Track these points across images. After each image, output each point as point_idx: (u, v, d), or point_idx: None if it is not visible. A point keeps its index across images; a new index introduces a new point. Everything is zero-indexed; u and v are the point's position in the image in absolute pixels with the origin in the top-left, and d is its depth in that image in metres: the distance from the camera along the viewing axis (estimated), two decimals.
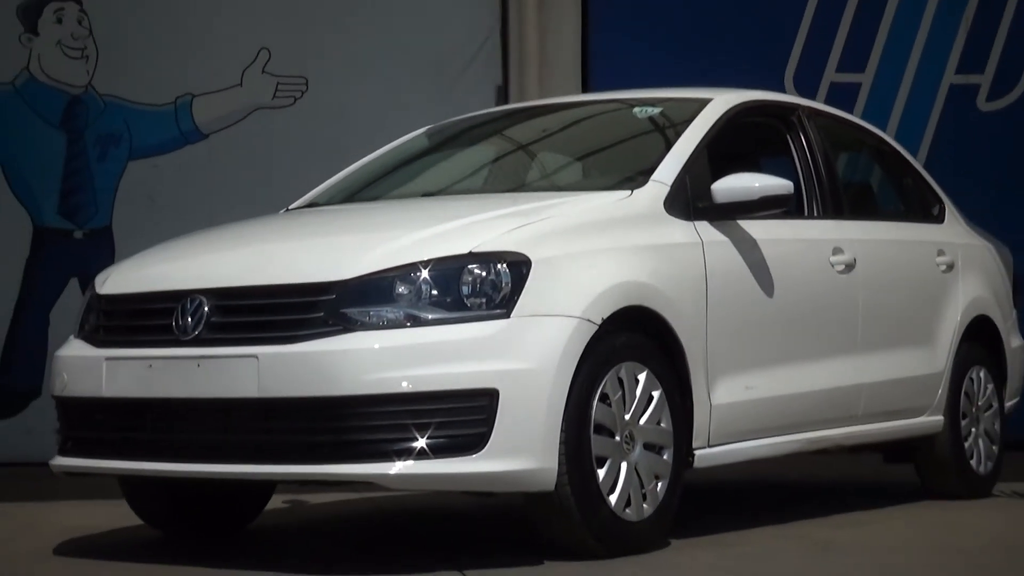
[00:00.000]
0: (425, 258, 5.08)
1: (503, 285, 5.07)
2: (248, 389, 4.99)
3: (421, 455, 4.89)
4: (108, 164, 9.28)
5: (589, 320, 5.15)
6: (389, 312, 5.00)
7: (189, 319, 5.18)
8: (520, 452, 4.96)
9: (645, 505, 5.34)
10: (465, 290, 5.05)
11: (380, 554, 5.69)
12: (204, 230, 6.07)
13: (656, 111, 6.52)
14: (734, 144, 6.27)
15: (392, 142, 7.01)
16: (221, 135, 9.36)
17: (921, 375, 6.89)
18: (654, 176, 5.82)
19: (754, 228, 5.99)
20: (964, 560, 5.42)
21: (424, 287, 5.03)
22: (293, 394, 4.94)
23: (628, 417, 5.31)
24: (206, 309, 5.17)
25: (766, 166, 6.46)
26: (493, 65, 9.45)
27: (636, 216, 5.65)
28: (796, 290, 6.17)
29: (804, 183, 6.54)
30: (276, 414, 5.00)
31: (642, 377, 5.36)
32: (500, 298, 5.06)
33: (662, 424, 5.43)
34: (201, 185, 9.22)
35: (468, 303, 5.04)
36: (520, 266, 5.11)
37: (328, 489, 7.13)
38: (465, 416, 4.93)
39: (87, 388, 5.40)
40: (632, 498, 5.29)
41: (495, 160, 6.88)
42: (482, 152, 6.94)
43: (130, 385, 5.26)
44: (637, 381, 5.35)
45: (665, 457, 5.44)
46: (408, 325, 4.98)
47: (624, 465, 5.28)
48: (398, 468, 4.88)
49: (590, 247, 5.35)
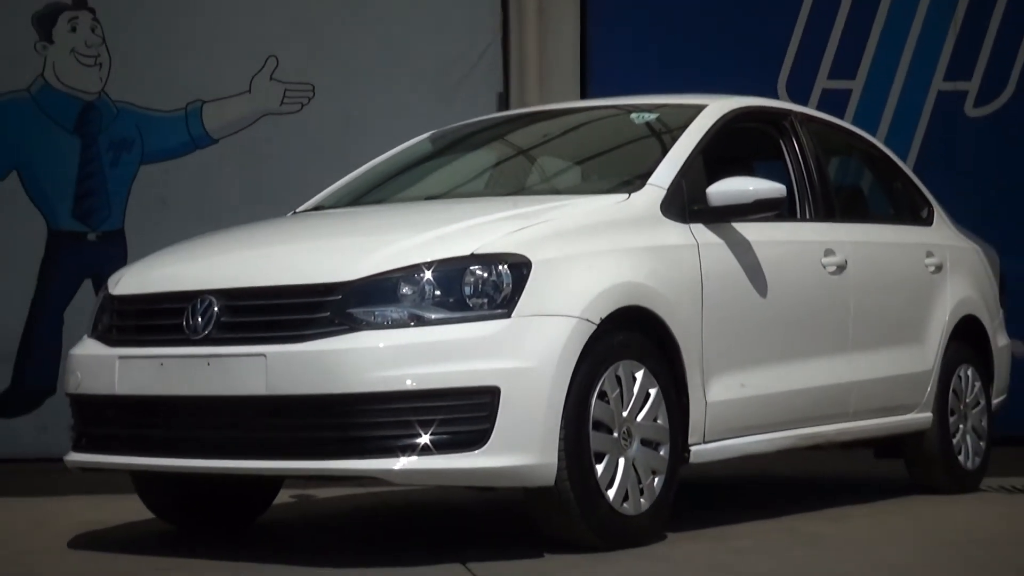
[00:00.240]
0: (428, 259, 5.08)
1: (504, 286, 5.07)
2: (256, 387, 4.99)
3: (425, 451, 4.89)
4: (121, 168, 9.28)
5: (588, 320, 5.15)
6: (393, 312, 5.00)
7: (199, 319, 5.18)
8: (521, 448, 4.96)
9: (642, 499, 5.34)
10: (467, 291, 5.05)
11: (385, 547, 5.69)
12: (214, 232, 6.07)
13: (653, 117, 6.52)
14: (728, 149, 6.27)
15: (396, 147, 7.01)
16: (230, 140, 9.36)
17: (910, 373, 6.89)
18: (651, 180, 5.82)
19: (748, 230, 5.99)
20: (953, 552, 5.42)
21: (427, 288, 5.04)
22: (300, 392, 4.94)
23: (626, 414, 5.31)
24: (216, 309, 5.17)
25: (760, 170, 6.45)
26: (494, 72, 9.45)
27: (633, 219, 5.64)
28: (789, 291, 6.17)
29: (796, 187, 6.54)
30: (284, 411, 5.00)
31: (639, 375, 5.36)
32: (501, 298, 5.06)
33: (659, 421, 5.43)
34: (211, 188, 9.22)
35: (470, 303, 5.04)
36: (521, 267, 5.11)
37: (334, 484, 7.13)
38: (467, 413, 4.93)
39: (100, 386, 5.40)
40: (630, 493, 5.29)
41: (496, 164, 6.88)
42: (484, 157, 6.95)
43: (142, 383, 5.27)
44: (634, 379, 5.35)
45: (662, 453, 5.44)
46: (412, 325, 4.98)
47: (622, 461, 5.28)
48: (402, 464, 4.89)
49: (589, 249, 5.35)
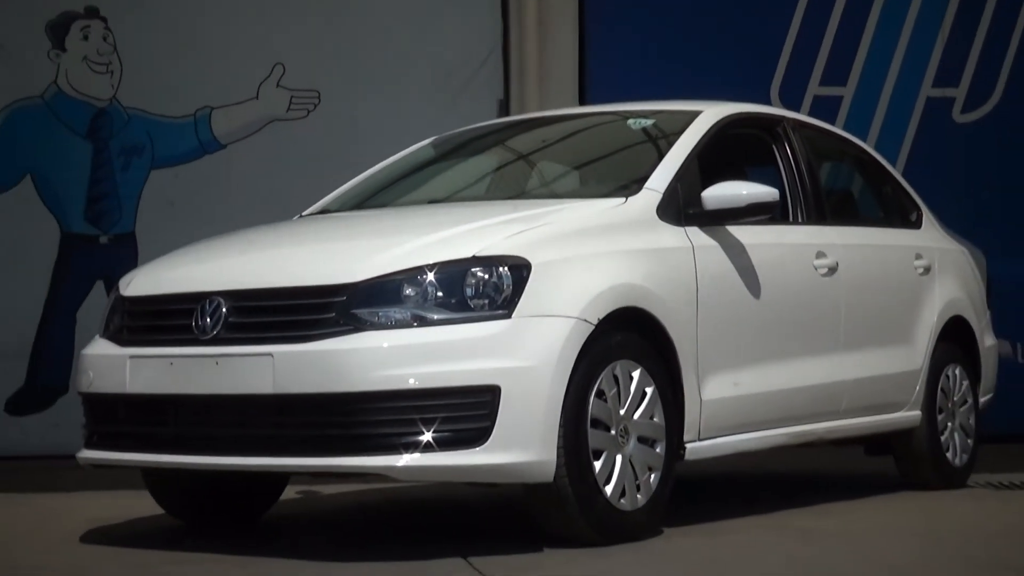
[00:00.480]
0: (431, 262, 5.07)
1: (505, 287, 5.07)
2: (264, 386, 4.99)
3: (427, 448, 4.89)
4: (132, 173, 9.28)
5: (586, 320, 5.15)
6: (397, 313, 5.00)
7: (208, 319, 5.18)
8: (521, 445, 4.96)
9: (639, 495, 5.33)
10: (469, 292, 5.05)
11: (388, 542, 5.69)
12: (222, 235, 6.07)
13: (649, 123, 6.52)
14: (723, 154, 6.26)
15: (399, 152, 7.01)
16: (238, 145, 9.36)
17: (900, 372, 6.89)
18: (647, 184, 5.82)
19: (742, 233, 5.99)
20: (941, 547, 5.42)
21: (430, 289, 5.03)
22: (306, 390, 4.94)
23: (623, 412, 5.31)
24: (224, 310, 5.16)
25: (753, 175, 6.45)
26: (495, 79, 9.46)
27: (630, 222, 5.64)
28: (781, 292, 6.17)
29: (789, 191, 6.54)
30: (290, 409, 5.00)
31: (636, 374, 5.36)
32: (502, 299, 5.05)
33: (655, 419, 5.42)
34: (219, 193, 9.22)
35: (471, 304, 5.04)
36: (521, 269, 5.11)
37: (339, 480, 7.12)
38: (469, 411, 4.93)
39: (112, 385, 5.40)
40: (627, 489, 5.29)
41: (497, 169, 6.88)
42: (485, 161, 6.94)
43: (152, 382, 5.26)
44: (631, 378, 5.34)
45: (658, 450, 5.43)
46: (415, 325, 4.98)
47: (619, 457, 5.28)
48: (405, 460, 4.88)
49: (587, 251, 5.35)
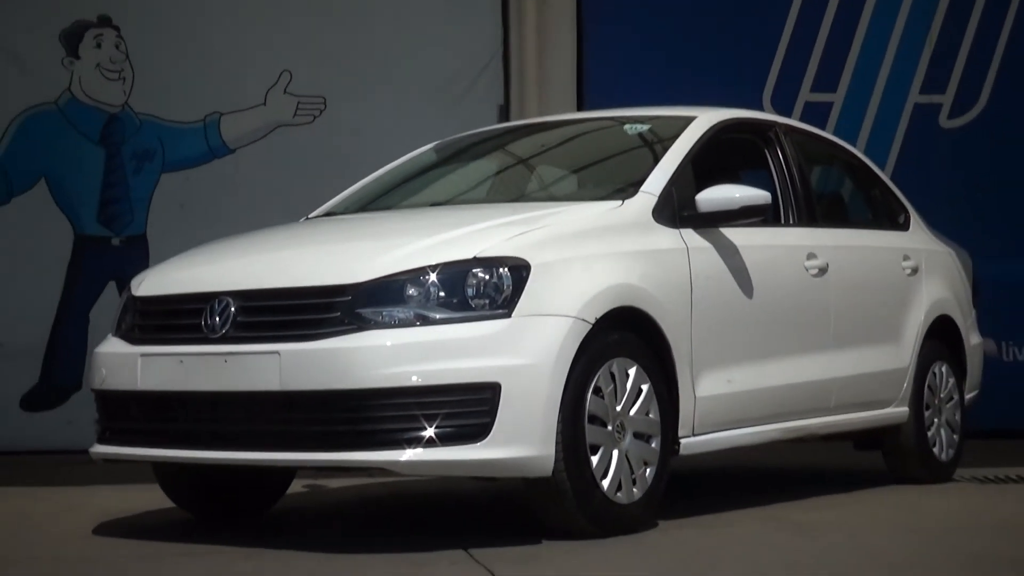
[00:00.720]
0: (433, 263, 5.08)
1: (505, 287, 5.07)
2: (271, 383, 4.99)
3: (430, 443, 4.90)
4: (143, 177, 9.29)
5: (584, 320, 5.15)
6: (400, 312, 5.01)
7: (217, 319, 5.18)
8: (520, 440, 4.96)
9: (635, 489, 5.34)
10: (470, 292, 5.05)
11: (392, 534, 5.69)
12: (231, 237, 6.07)
13: (645, 128, 6.52)
14: (716, 158, 6.27)
15: (403, 156, 7.01)
16: (246, 150, 9.37)
17: (888, 370, 6.89)
18: (643, 187, 5.82)
19: (735, 235, 5.99)
20: (927, 538, 5.42)
21: (432, 289, 5.04)
22: (312, 387, 4.94)
23: (619, 408, 5.31)
24: (232, 309, 5.17)
25: (746, 178, 6.46)
26: (495, 86, 9.46)
27: (627, 224, 5.65)
28: (773, 292, 6.17)
29: (781, 194, 6.54)
30: (296, 406, 5.00)
31: (632, 372, 5.36)
32: (502, 299, 5.06)
33: (650, 415, 5.43)
34: (228, 195, 9.23)
35: (472, 304, 5.04)
36: (520, 270, 5.11)
37: (344, 474, 7.13)
38: (470, 408, 4.93)
39: (124, 382, 5.40)
40: (623, 483, 5.29)
41: (497, 173, 6.88)
42: (485, 165, 6.95)
43: (163, 379, 5.27)
44: (628, 375, 5.35)
45: (653, 445, 5.44)
46: (417, 324, 4.98)
47: (616, 452, 5.28)
48: (408, 455, 4.89)
49: (585, 252, 5.35)
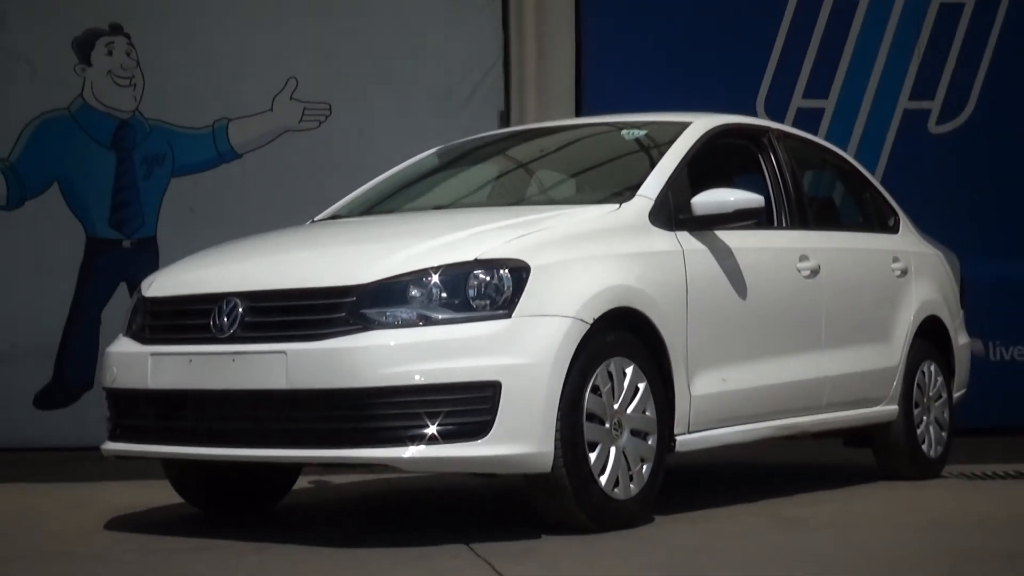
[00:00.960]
0: (435, 264, 5.07)
1: (505, 288, 5.07)
2: (277, 381, 4.99)
3: (432, 440, 4.89)
4: (153, 181, 9.29)
5: (582, 320, 5.15)
6: (403, 313, 5.00)
7: (225, 319, 5.17)
8: (520, 438, 4.96)
9: (632, 485, 5.33)
10: (471, 293, 5.05)
11: (395, 528, 5.69)
12: (238, 239, 6.07)
13: (641, 133, 6.52)
14: (711, 162, 6.26)
15: (406, 161, 7.01)
16: (254, 155, 9.37)
17: (878, 369, 6.88)
18: (640, 191, 5.82)
19: (729, 238, 5.99)
20: (916, 533, 5.42)
21: (434, 290, 5.03)
22: (318, 386, 4.94)
23: (617, 406, 5.30)
24: (240, 310, 5.16)
25: (740, 182, 6.45)
26: (496, 92, 9.46)
27: (624, 227, 5.64)
28: (766, 293, 6.17)
29: (774, 197, 6.54)
30: (302, 404, 5.00)
31: (629, 371, 5.35)
32: (502, 300, 5.05)
33: (647, 413, 5.42)
34: (236, 199, 9.23)
35: (474, 305, 5.03)
36: (520, 271, 5.10)
37: (349, 471, 7.13)
38: (471, 406, 4.92)
39: (134, 380, 5.40)
40: (620, 479, 5.28)
41: (498, 177, 6.88)
42: (486, 170, 6.94)
43: (172, 378, 5.26)
44: (625, 374, 5.34)
45: (649, 442, 5.43)
46: (420, 324, 4.98)
47: (613, 449, 5.27)
48: (411, 452, 4.88)
49: (583, 254, 5.35)
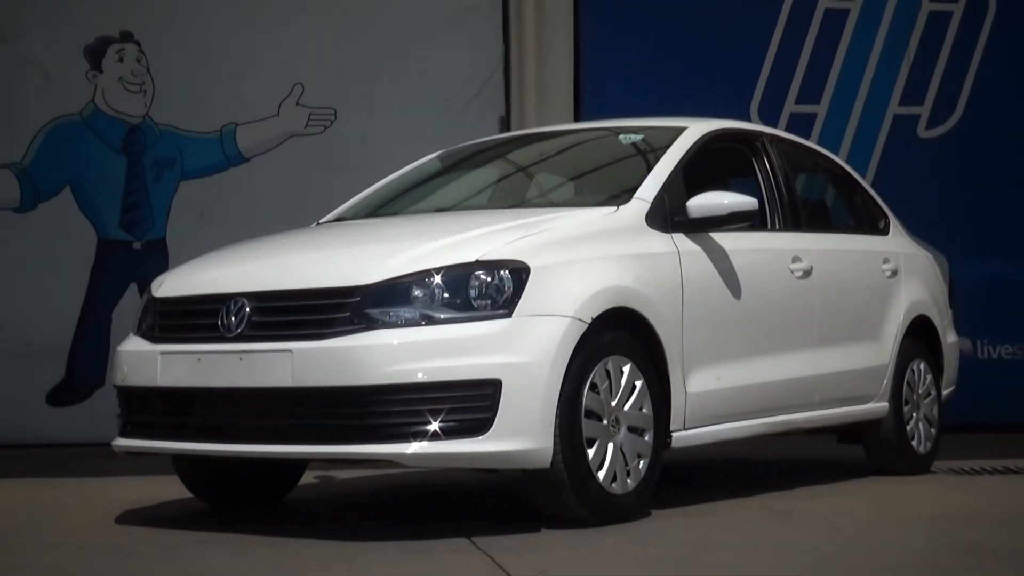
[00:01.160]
0: (437, 265, 5.07)
1: (505, 289, 5.06)
2: (284, 379, 4.98)
3: (434, 437, 4.89)
4: (163, 184, 9.30)
5: (580, 319, 5.15)
6: (406, 312, 5.00)
7: (233, 318, 5.17)
8: (520, 434, 4.95)
9: (629, 480, 5.33)
10: (472, 293, 5.04)
11: (398, 522, 5.69)
12: (246, 241, 6.07)
13: (638, 138, 6.51)
14: (706, 166, 6.26)
15: (409, 164, 7.01)
16: (261, 159, 9.37)
17: (869, 367, 6.88)
18: (637, 194, 5.81)
19: (724, 239, 5.99)
20: (905, 527, 5.42)
21: (437, 291, 5.03)
22: (323, 384, 4.94)
23: (614, 404, 5.30)
24: (247, 310, 5.16)
25: (734, 185, 6.45)
26: (497, 98, 9.46)
27: (621, 229, 5.64)
28: (760, 293, 6.16)
29: (767, 200, 6.53)
30: (308, 401, 4.99)
31: (626, 369, 5.35)
32: (503, 300, 5.05)
33: (644, 410, 5.42)
34: (243, 202, 9.23)
35: (475, 304, 5.03)
36: (520, 272, 5.10)
37: (353, 466, 7.12)
38: (472, 403, 4.92)
39: (144, 378, 5.39)
40: (618, 474, 5.28)
41: (499, 180, 6.87)
42: (487, 173, 6.94)
43: (181, 376, 5.26)
44: (622, 372, 5.34)
45: (646, 439, 5.43)
46: (423, 324, 4.98)
47: (611, 446, 5.27)
48: (414, 448, 4.88)
49: (581, 256, 5.35)
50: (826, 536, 5.19)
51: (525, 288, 5.07)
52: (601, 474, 5.21)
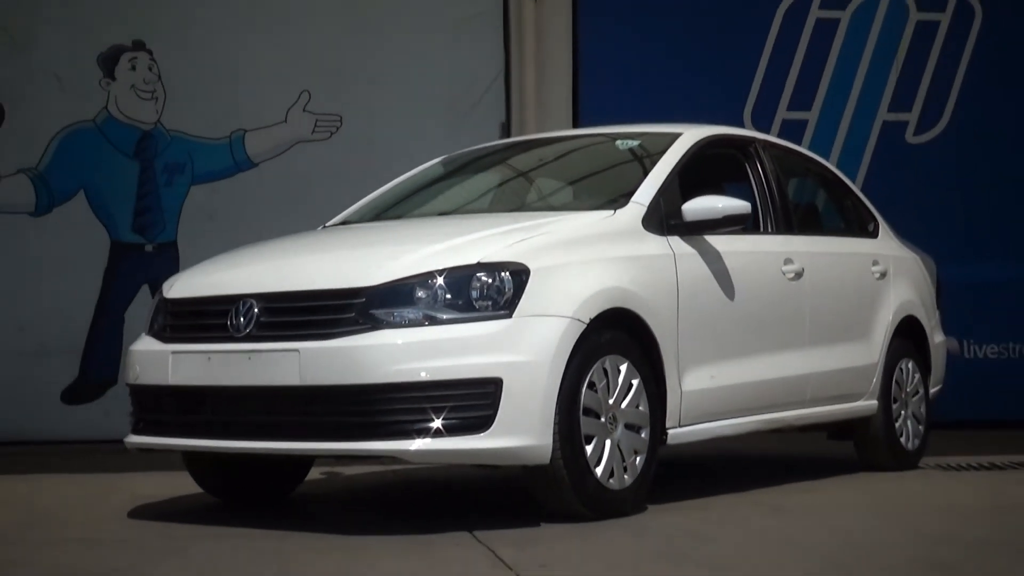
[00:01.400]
0: (440, 267, 5.07)
1: (506, 290, 5.06)
2: (291, 378, 4.98)
3: (437, 434, 4.89)
4: (174, 188, 9.29)
5: (579, 320, 5.15)
6: (410, 313, 5.00)
7: (241, 319, 5.17)
8: (520, 431, 4.95)
9: (626, 476, 5.33)
10: (474, 294, 5.04)
11: (402, 516, 5.68)
12: (254, 244, 6.06)
13: (635, 143, 6.51)
14: (701, 171, 6.26)
15: (412, 169, 7.01)
16: (269, 164, 9.36)
17: (859, 366, 6.88)
18: (633, 198, 5.81)
19: (718, 242, 5.99)
20: (894, 521, 5.42)
21: (439, 292, 5.03)
22: (329, 382, 4.94)
23: (611, 402, 5.30)
24: (256, 310, 5.16)
25: (728, 190, 6.45)
26: (498, 105, 9.45)
27: (618, 232, 5.64)
28: (753, 294, 6.16)
29: (760, 204, 6.53)
30: (315, 399, 4.99)
31: (623, 368, 5.35)
32: (503, 301, 5.05)
33: (640, 408, 5.42)
34: (252, 206, 9.22)
35: (476, 305, 5.03)
36: (520, 274, 5.10)
37: (359, 462, 7.12)
38: (474, 401, 4.92)
39: (156, 377, 5.39)
40: (615, 470, 5.28)
41: (499, 185, 6.87)
42: (488, 178, 6.94)
43: (192, 375, 5.26)
44: (619, 371, 5.34)
45: (643, 435, 5.43)
46: (426, 324, 4.98)
47: (608, 442, 5.27)
48: (417, 445, 4.88)
49: (579, 258, 5.35)
50: (817, 530, 5.19)
51: (525, 289, 5.07)
52: (599, 470, 5.21)
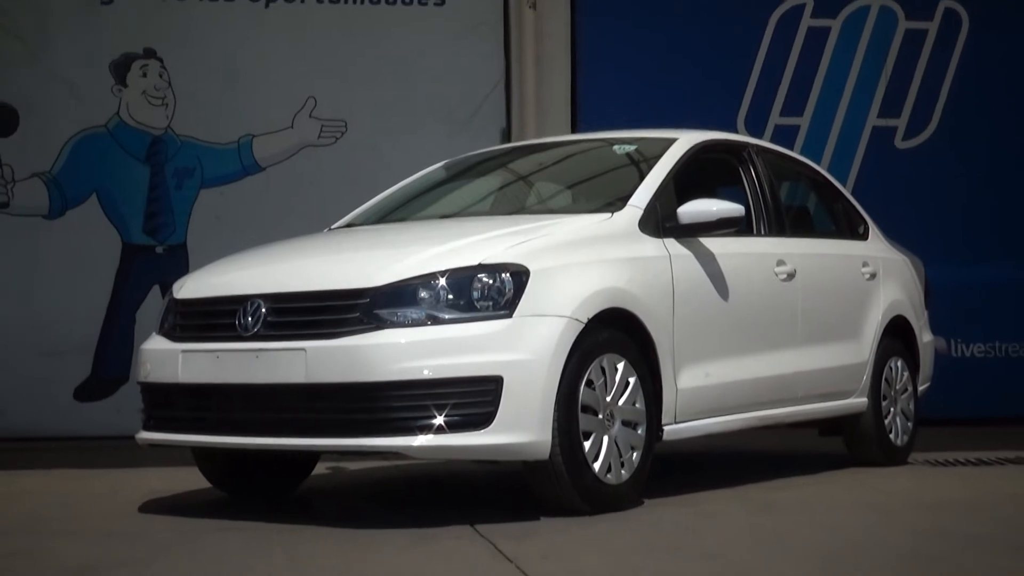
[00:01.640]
0: (443, 268, 5.07)
1: (506, 291, 5.06)
2: (297, 376, 4.98)
3: (439, 430, 4.89)
4: (183, 192, 9.29)
5: (577, 319, 5.15)
6: (413, 313, 5.00)
7: (249, 319, 5.17)
8: (520, 428, 4.95)
9: (623, 471, 5.33)
10: (475, 295, 5.04)
11: (405, 510, 5.68)
12: (261, 246, 6.06)
13: (632, 148, 6.51)
14: (696, 175, 6.26)
15: (416, 173, 7.01)
16: (276, 168, 9.36)
17: (849, 364, 6.88)
18: (630, 201, 5.82)
19: (712, 244, 5.99)
20: (883, 515, 5.42)
21: (442, 292, 5.03)
22: (334, 380, 4.94)
23: (609, 399, 5.30)
24: (263, 310, 5.16)
25: (722, 193, 6.44)
26: (498, 110, 9.45)
27: (615, 234, 5.64)
28: (746, 295, 6.16)
29: (753, 207, 6.53)
30: (320, 396, 4.99)
31: (620, 366, 5.35)
32: (504, 301, 5.05)
33: (637, 405, 5.42)
34: (259, 209, 9.22)
35: (478, 305, 5.03)
36: (521, 275, 5.10)
37: (363, 458, 7.12)
38: (475, 398, 4.92)
39: (166, 375, 5.39)
40: (612, 465, 5.28)
41: (500, 188, 6.87)
42: (490, 182, 6.94)
43: (201, 373, 5.26)
44: (616, 369, 5.34)
45: (639, 432, 5.43)
46: (429, 323, 4.98)
47: (606, 438, 5.27)
48: (420, 441, 4.88)
49: (578, 259, 5.35)
50: (808, 523, 5.19)
51: (525, 290, 5.07)
52: (597, 465, 5.21)
